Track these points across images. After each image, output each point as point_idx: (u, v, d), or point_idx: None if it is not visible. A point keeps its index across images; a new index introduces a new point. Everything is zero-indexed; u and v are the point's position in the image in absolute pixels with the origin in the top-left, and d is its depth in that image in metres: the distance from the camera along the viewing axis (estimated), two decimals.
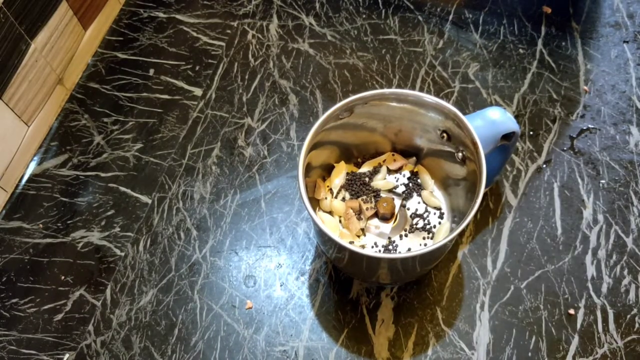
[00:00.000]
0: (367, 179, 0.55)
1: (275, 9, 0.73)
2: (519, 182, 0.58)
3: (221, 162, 0.62)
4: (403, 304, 0.53)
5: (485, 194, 0.58)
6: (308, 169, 0.50)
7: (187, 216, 0.59)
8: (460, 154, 0.49)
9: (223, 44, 0.71)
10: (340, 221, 0.54)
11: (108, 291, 0.56)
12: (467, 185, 0.49)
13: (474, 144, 0.45)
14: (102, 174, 0.63)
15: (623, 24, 0.68)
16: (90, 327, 0.54)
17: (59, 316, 0.55)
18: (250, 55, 0.69)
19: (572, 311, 0.52)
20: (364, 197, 0.54)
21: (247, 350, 0.52)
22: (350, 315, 0.53)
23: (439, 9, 0.71)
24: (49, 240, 0.59)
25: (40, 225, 0.60)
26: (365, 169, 0.56)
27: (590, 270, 0.54)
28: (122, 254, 0.58)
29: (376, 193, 0.55)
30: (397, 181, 0.55)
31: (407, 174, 0.56)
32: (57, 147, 0.65)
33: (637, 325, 0.51)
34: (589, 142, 0.61)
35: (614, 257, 0.54)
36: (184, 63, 0.70)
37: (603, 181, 0.58)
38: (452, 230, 0.50)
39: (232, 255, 0.57)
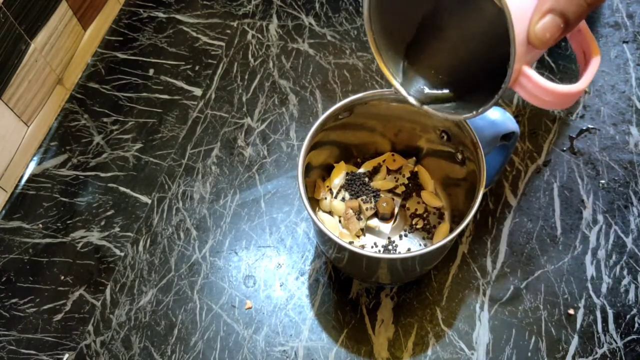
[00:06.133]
0: (366, 179, 0.55)
1: (275, 9, 0.73)
2: (518, 182, 0.58)
3: (221, 162, 0.62)
4: (403, 304, 0.53)
5: (485, 194, 0.58)
6: (308, 169, 0.50)
7: (187, 216, 0.59)
8: (460, 154, 0.50)
9: (223, 44, 0.71)
10: (340, 221, 0.54)
11: (108, 291, 0.56)
12: (467, 186, 0.49)
13: (474, 144, 0.45)
14: (102, 174, 0.63)
15: (623, 24, 0.68)
16: (90, 327, 0.54)
17: (59, 316, 0.55)
18: (250, 55, 0.69)
19: (571, 311, 0.52)
20: (364, 197, 0.54)
21: (246, 351, 0.52)
22: (350, 315, 0.53)
23: None
24: (48, 240, 0.59)
25: (40, 225, 0.60)
26: (365, 169, 0.56)
27: (590, 271, 0.54)
28: (122, 254, 0.58)
29: (376, 193, 0.55)
30: (397, 181, 0.55)
31: (407, 174, 0.56)
32: (57, 147, 0.65)
33: (636, 326, 0.51)
34: (588, 142, 0.61)
35: (614, 257, 0.54)
36: (183, 63, 0.70)
37: (603, 181, 0.58)
38: (452, 230, 0.50)
39: (232, 255, 0.57)
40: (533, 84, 0.33)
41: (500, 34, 0.31)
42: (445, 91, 0.41)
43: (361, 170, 0.56)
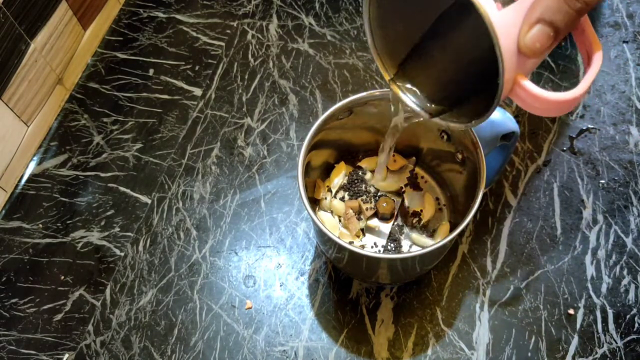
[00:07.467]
0: (367, 179, 0.55)
1: (275, 9, 0.73)
2: (518, 182, 0.58)
3: (221, 162, 0.62)
4: (403, 304, 0.53)
5: (485, 194, 0.58)
6: (308, 169, 0.50)
7: (187, 216, 0.59)
8: (460, 154, 0.50)
9: (223, 44, 0.71)
10: (340, 221, 0.54)
11: (108, 291, 0.56)
12: (467, 186, 0.49)
13: (474, 144, 0.45)
14: (102, 174, 0.63)
15: (622, 24, 0.68)
16: (90, 327, 0.54)
17: (59, 316, 0.55)
18: (250, 55, 0.69)
19: (571, 311, 0.52)
20: (364, 197, 0.54)
21: (246, 350, 0.52)
22: (350, 315, 0.53)
23: None
24: (48, 240, 0.59)
25: (40, 225, 0.60)
26: (364, 165, 0.56)
27: (590, 270, 0.54)
28: (122, 254, 0.58)
29: (376, 193, 0.55)
30: (397, 181, 0.55)
31: (407, 174, 0.56)
32: (57, 147, 0.65)
33: (636, 325, 0.51)
34: (588, 142, 0.61)
35: (614, 257, 0.54)
36: (183, 63, 0.70)
37: (603, 181, 0.58)
38: (452, 230, 0.50)
39: (232, 255, 0.57)
40: (528, 94, 0.33)
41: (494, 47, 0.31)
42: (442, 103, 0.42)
43: (361, 165, 0.56)
